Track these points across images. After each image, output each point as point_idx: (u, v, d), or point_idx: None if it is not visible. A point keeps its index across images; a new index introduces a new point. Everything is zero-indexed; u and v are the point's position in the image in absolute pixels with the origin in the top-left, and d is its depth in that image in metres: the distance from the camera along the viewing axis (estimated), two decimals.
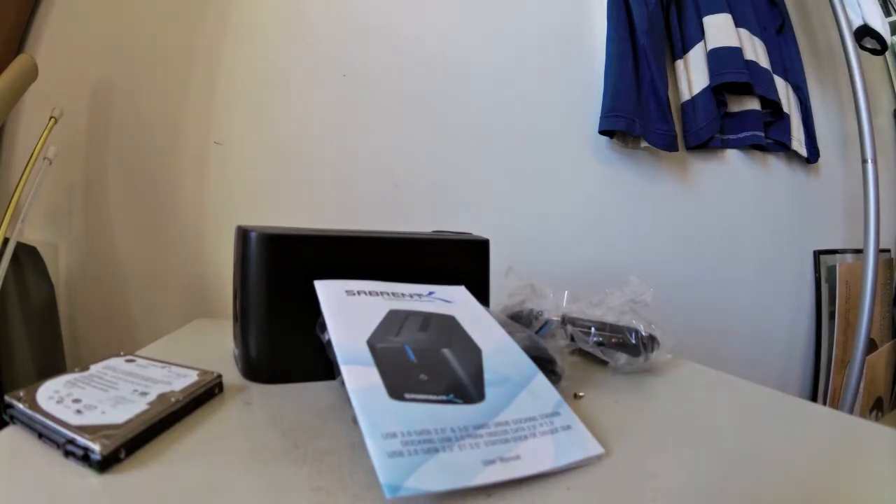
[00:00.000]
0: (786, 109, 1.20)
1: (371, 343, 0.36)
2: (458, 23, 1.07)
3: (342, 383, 0.37)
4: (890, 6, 1.28)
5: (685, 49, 1.16)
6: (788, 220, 1.23)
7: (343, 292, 0.41)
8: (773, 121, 1.20)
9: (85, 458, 0.28)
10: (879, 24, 1.09)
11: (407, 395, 0.32)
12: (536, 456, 0.30)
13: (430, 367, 0.35)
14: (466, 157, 1.03)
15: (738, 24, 1.16)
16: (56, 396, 0.33)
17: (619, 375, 0.50)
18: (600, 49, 1.11)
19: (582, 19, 1.13)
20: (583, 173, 1.10)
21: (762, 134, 1.18)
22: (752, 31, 1.17)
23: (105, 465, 0.28)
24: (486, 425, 0.31)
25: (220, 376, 0.40)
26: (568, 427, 0.33)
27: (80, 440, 0.28)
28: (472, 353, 0.37)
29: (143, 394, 0.35)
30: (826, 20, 1.27)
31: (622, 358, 0.50)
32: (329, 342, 0.39)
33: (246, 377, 0.45)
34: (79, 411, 0.31)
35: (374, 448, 0.28)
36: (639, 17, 1.09)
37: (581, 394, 0.43)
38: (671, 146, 1.10)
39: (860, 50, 1.13)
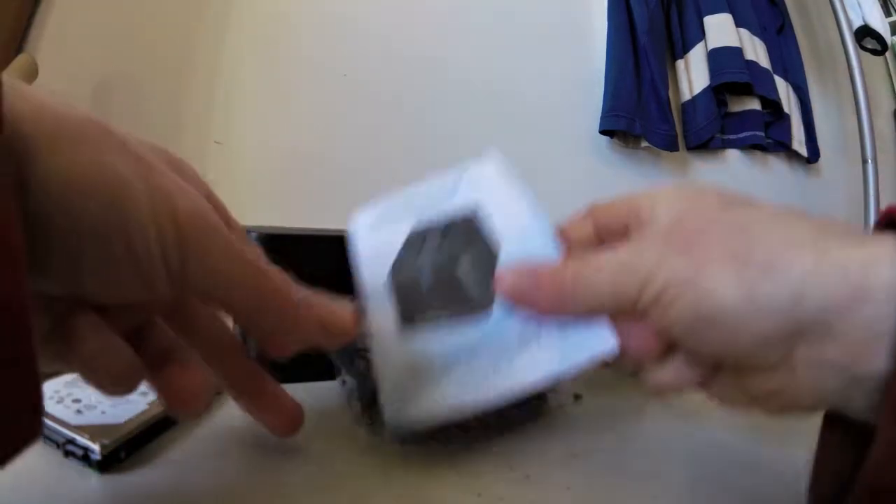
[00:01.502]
0: (786, 109, 1.20)
1: (392, 278, 0.33)
2: (458, 23, 1.07)
3: (343, 383, 0.37)
4: (890, 6, 1.28)
5: (686, 49, 1.16)
6: None
7: (371, 224, 0.37)
8: (773, 121, 1.20)
9: (85, 457, 0.28)
10: (880, 24, 1.09)
11: (417, 322, 0.30)
12: (537, 364, 0.27)
13: (443, 285, 0.32)
14: (467, 156, 1.03)
15: (738, 24, 1.16)
16: (56, 396, 0.33)
17: (620, 375, 0.50)
18: (601, 49, 1.11)
19: (582, 19, 1.13)
20: (583, 173, 1.10)
21: (762, 134, 1.18)
22: (753, 31, 1.18)
23: (105, 465, 0.28)
24: (487, 341, 0.29)
25: None
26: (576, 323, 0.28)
27: (80, 440, 0.28)
28: (488, 255, 0.32)
29: (144, 394, 0.35)
30: (826, 20, 1.28)
31: None
32: None
33: None
34: (79, 411, 0.31)
35: (382, 385, 0.27)
36: (639, 16, 1.09)
37: (581, 394, 0.43)
38: (671, 146, 1.10)
39: (860, 50, 1.13)
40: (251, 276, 0.22)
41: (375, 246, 0.35)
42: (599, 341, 0.27)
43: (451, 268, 0.33)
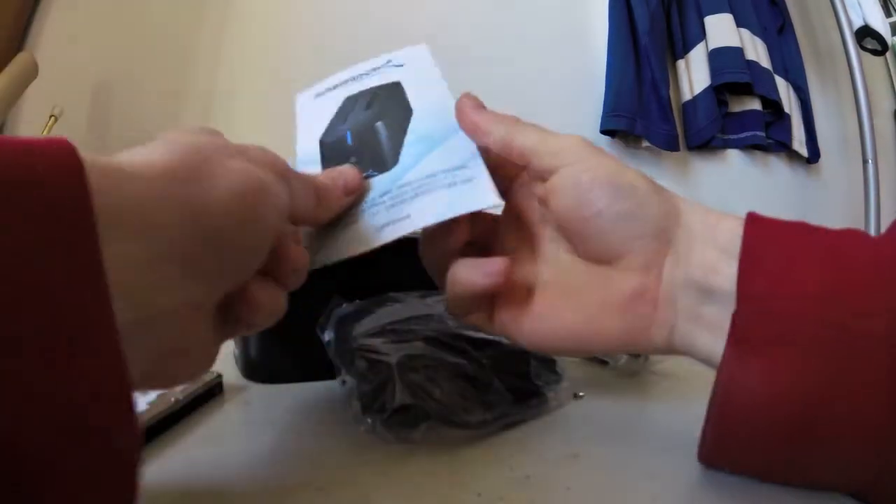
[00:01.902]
0: (787, 109, 1.20)
1: (321, 140, 0.37)
2: (458, 23, 1.07)
3: (343, 383, 0.37)
4: (890, 6, 1.28)
5: (686, 49, 1.16)
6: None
7: (312, 96, 0.41)
8: (773, 121, 1.20)
9: None
10: (880, 24, 1.09)
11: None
12: (424, 212, 0.29)
13: (363, 147, 0.35)
14: None
15: (739, 24, 1.16)
16: None
17: (620, 375, 0.50)
18: (601, 49, 1.11)
19: (583, 19, 1.13)
20: None
21: (763, 134, 1.18)
22: (754, 31, 1.18)
23: None
24: (389, 191, 0.31)
25: (220, 376, 0.40)
26: (469, 180, 0.30)
27: None
28: (402, 119, 0.36)
29: (143, 394, 0.35)
30: (827, 20, 1.27)
31: (622, 358, 0.50)
32: (329, 342, 0.39)
33: (246, 377, 0.45)
34: None
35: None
36: (640, 16, 1.09)
37: (581, 394, 0.43)
38: (672, 146, 1.10)
39: (861, 50, 1.13)
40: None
41: (313, 113, 0.40)
42: (485, 196, 0.29)
43: (371, 129, 0.36)
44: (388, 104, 0.38)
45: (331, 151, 0.36)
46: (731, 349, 0.24)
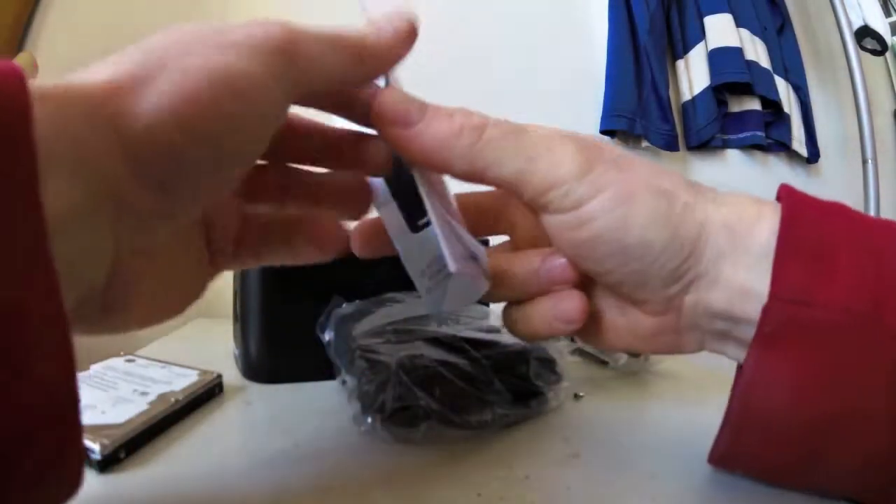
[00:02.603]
0: (786, 109, 1.20)
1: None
2: (458, 23, 1.07)
3: (343, 383, 0.37)
4: (890, 7, 1.28)
5: (686, 49, 1.16)
6: None
7: None
8: (773, 121, 1.20)
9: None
10: (880, 24, 1.09)
11: (419, 224, 0.27)
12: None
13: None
14: None
15: (738, 25, 1.16)
16: None
17: (620, 375, 0.50)
18: (601, 49, 1.11)
19: (582, 19, 1.13)
20: None
21: (763, 134, 1.18)
22: (753, 32, 1.18)
23: (105, 465, 0.28)
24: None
25: (220, 376, 0.40)
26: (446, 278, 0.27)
27: None
28: None
29: (143, 394, 0.35)
30: (826, 20, 1.27)
31: (622, 358, 0.50)
32: (329, 342, 0.39)
33: (246, 377, 0.45)
34: None
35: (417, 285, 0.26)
36: (640, 17, 1.09)
37: (581, 394, 0.43)
38: (672, 146, 1.10)
39: (860, 50, 1.13)
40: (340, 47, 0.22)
41: None
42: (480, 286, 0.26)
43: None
44: None
45: (399, 186, 0.28)
46: (756, 351, 0.23)
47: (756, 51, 1.17)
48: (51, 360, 0.14)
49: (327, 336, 0.39)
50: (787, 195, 0.25)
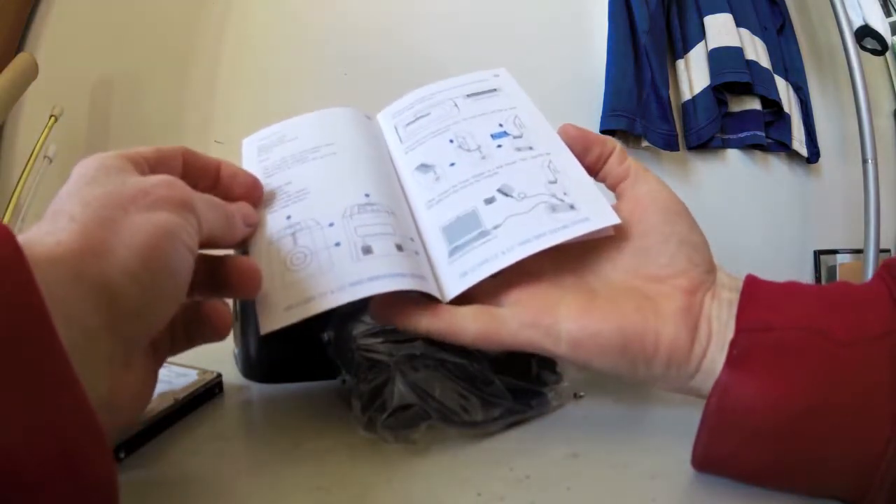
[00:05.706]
0: (786, 109, 1.20)
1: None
2: (458, 22, 1.07)
3: (343, 383, 0.37)
4: (890, 6, 1.28)
5: (686, 49, 1.16)
6: (789, 220, 1.23)
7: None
8: (773, 120, 1.20)
9: None
10: (880, 24, 1.09)
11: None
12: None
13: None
14: None
15: (738, 24, 1.16)
16: None
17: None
18: (601, 49, 1.11)
19: (583, 19, 1.13)
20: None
21: (763, 134, 1.18)
22: (753, 31, 1.18)
23: None
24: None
25: (220, 376, 0.40)
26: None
27: None
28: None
29: None
30: (826, 20, 1.27)
31: None
32: (329, 341, 0.39)
33: (246, 377, 0.45)
34: None
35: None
36: (640, 16, 1.09)
37: (581, 394, 0.43)
38: (672, 146, 1.10)
39: (860, 50, 1.13)
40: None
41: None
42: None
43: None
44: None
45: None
46: (728, 369, 0.27)
47: (756, 50, 1.17)
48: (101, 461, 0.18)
49: (327, 336, 0.39)
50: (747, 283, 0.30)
